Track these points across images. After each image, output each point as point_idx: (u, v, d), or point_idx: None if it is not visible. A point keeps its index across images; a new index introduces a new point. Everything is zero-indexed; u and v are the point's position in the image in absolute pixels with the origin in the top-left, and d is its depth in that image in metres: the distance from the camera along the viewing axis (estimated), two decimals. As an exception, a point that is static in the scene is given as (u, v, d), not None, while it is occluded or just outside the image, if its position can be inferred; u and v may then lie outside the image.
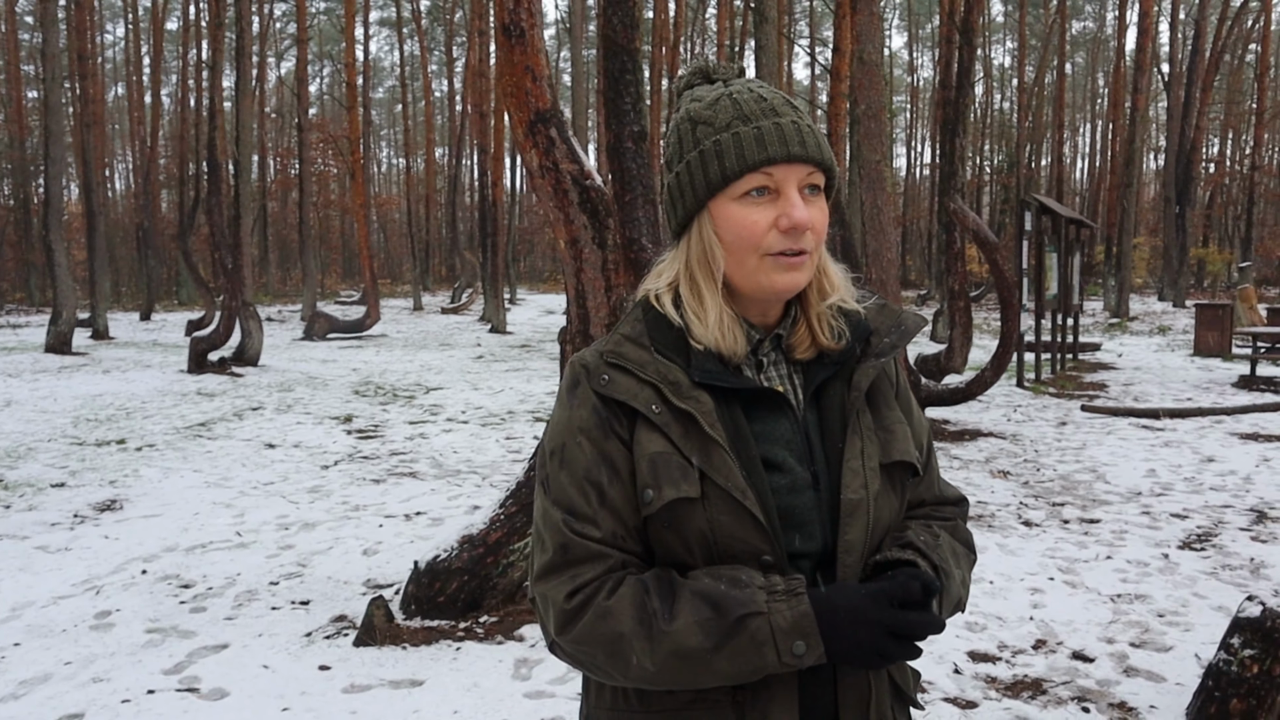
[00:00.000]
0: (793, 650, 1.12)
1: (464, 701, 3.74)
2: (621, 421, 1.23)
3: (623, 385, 1.23)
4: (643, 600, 1.16)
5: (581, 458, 1.23)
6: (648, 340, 1.27)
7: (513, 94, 4.27)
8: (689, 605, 1.15)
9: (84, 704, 3.78)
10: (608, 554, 1.20)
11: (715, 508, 1.18)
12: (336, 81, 54.19)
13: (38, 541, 6.10)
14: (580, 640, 1.18)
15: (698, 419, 1.20)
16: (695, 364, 1.24)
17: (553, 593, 1.20)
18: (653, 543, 1.23)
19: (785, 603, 1.14)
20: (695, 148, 1.24)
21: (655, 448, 1.20)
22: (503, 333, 25.06)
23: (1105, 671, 4.02)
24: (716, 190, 1.22)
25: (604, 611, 1.17)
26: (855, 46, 9.83)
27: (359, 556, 5.75)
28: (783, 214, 1.20)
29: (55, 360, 16.43)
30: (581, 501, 1.22)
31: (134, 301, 35.67)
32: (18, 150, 35.39)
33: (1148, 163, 49.90)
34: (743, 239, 1.21)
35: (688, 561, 1.21)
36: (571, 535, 1.21)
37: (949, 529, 1.38)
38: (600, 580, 1.19)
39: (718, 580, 1.16)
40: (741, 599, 1.14)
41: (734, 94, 1.25)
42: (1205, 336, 17.38)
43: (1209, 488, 7.27)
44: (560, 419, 1.27)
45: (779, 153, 1.20)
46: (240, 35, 18.39)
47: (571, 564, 1.20)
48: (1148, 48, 27.58)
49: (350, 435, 10.09)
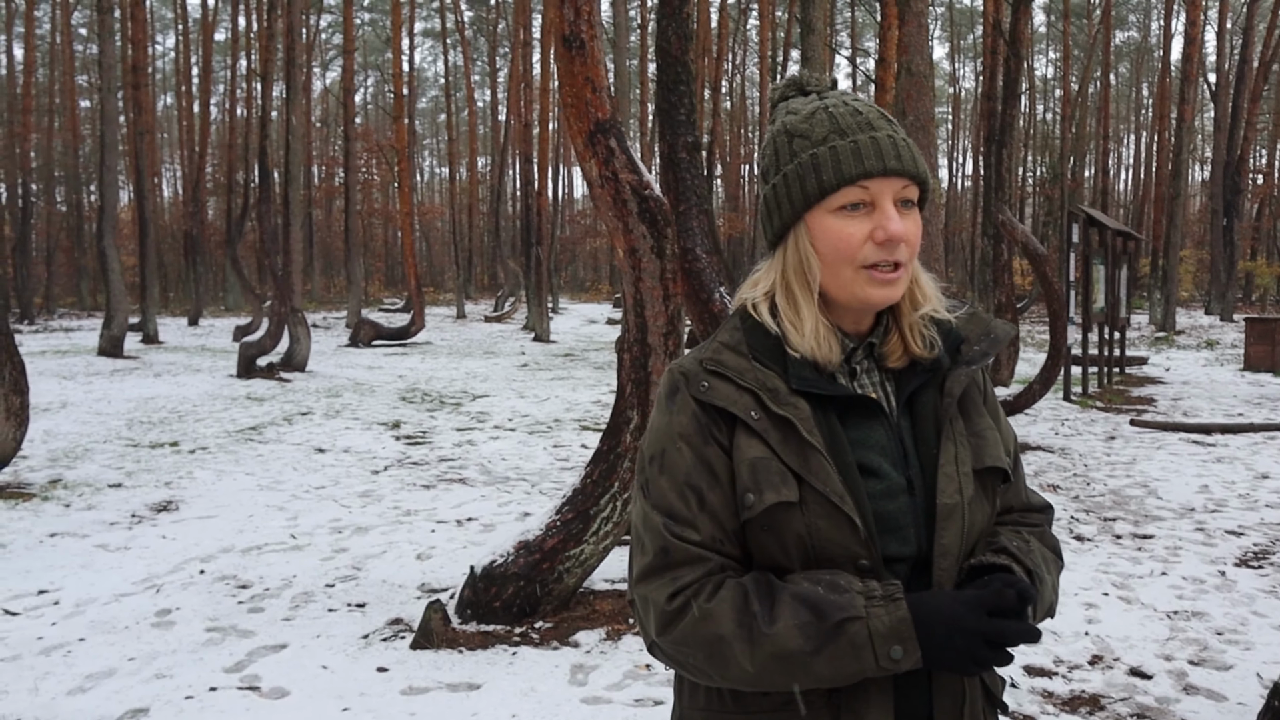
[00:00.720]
0: (890, 655, 1.14)
1: (521, 706, 3.78)
2: (721, 428, 1.26)
3: (722, 392, 1.26)
4: (743, 603, 1.18)
5: (681, 463, 1.25)
6: (746, 348, 1.29)
7: (573, 105, 4.33)
8: (789, 608, 1.16)
9: (149, 699, 3.86)
10: (707, 557, 1.23)
11: (813, 512, 1.20)
12: (380, 91, 54.86)
13: (97, 540, 6.24)
14: (680, 641, 1.20)
15: (796, 425, 1.22)
16: (792, 371, 1.26)
17: (654, 594, 1.23)
18: (751, 547, 1.25)
19: (883, 608, 1.15)
20: (792, 160, 1.27)
21: (755, 453, 1.22)
22: (546, 341, 25.19)
23: (1164, 689, 3.98)
24: (813, 203, 1.25)
25: (705, 614, 1.19)
26: (903, 58, 9.82)
27: (412, 560, 5.83)
28: (878, 227, 1.23)
29: (108, 363, 16.75)
30: (681, 505, 1.24)
31: (182, 307, 36.28)
32: (71, 158, 36.19)
33: (1194, 174, 49.24)
34: (839, 251, 1.24)
35: (785, 565, 1.23)
36: (671, 539, 1.23)
37: (1037, 535, 1.39)
38: (700, 583, 1.22)
39: (816, 584, 1.18)
40: (841, 603, 1.15)
41: (830, 107, 1.27)
42: (1255, 351, 17.10)
43: (1264, 505, 7.16)
44: (660, 425, 1.30)
45: (875, 167, 1.22)
46: (289, 46, 18.69)
47: (672, 566, 1.23)
48: (1194, 57, 27.24)
49: (399, 441, 10.20)
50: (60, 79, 38.97)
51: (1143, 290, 34.74)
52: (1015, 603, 1.17)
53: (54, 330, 25.50)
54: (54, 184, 38.72)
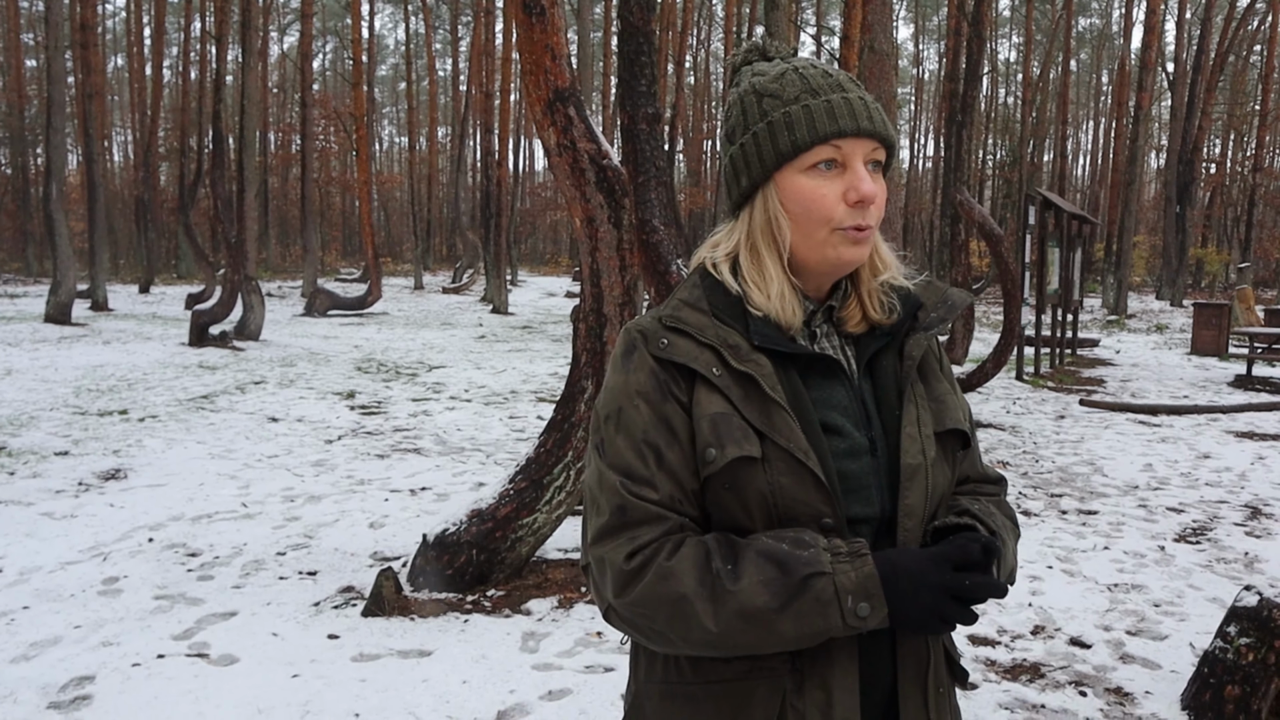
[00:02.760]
0: (857, 612, 1.12)
1: (472, 672, 3.79)
2: (680, 385, 1.23)
3: (682, 348, 1.24)
4: (705, 561, 1.16)
5: (639, 420, 1.23)
6: (706, 305, 1.28)
7: (532, 72, 4.30)
8: (754, 565, 1.14)
9: (94, 666, 3.82)
10: (666, 516, 1.20)
11: (776, 469, 1.18)
12: (339, 57, 54.03)
13: (43, 508, 6.14)
14: (640, 602, 1.17)
15: (758, 381, 1.21)
16: (754, 329, 1.25)
17: (611, 554, 1.19)
18: (710, 506, 1.23)
19: (850, 564, 1.14)
20: (762, 119, 1.25)
21: (716, 408, 1.20)
22: (504, 313, 25.08)
23: (1102, 658, 4.08)
24: (785, 161, 1.23)
25: (665, 572, 1.16)
26: (866, 36, 9.84)
27: (365, 529, 5.80)
28: (850, 188, 1.22)
29: (55, 330, 16.42)
30: (639, 464, 1.21)
31: (132, 274, 35.61)
32: (16, 119, 35.26)
33: (1150, 161, 49.93)
34: (811, 212, 1.23)
35: (746, 525, 1.20)
36: (629, 497, 1.20)
37: (995, 503, 1.39)
38: (660, 542, 1.19)
39: (780, 541, 1.16)
40: (807, 559, 1.13)
41: (800, 69, 1.26)
42: (1203, 336, 17.44)
43: (1205, 483, 7.34)
44: (615, 384, 1.27)
45: (849, 126, 1.21)
46: (245, 8, 18.32)
47: (630, 526, 1.20)
48: (1153, 46, 27.55)
49: (353, 411, 10.13)
50: (4, 36, 37.90)
51: (1096, 274, 35.28)
52: (981, 557, 1.16)
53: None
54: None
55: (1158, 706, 3.62)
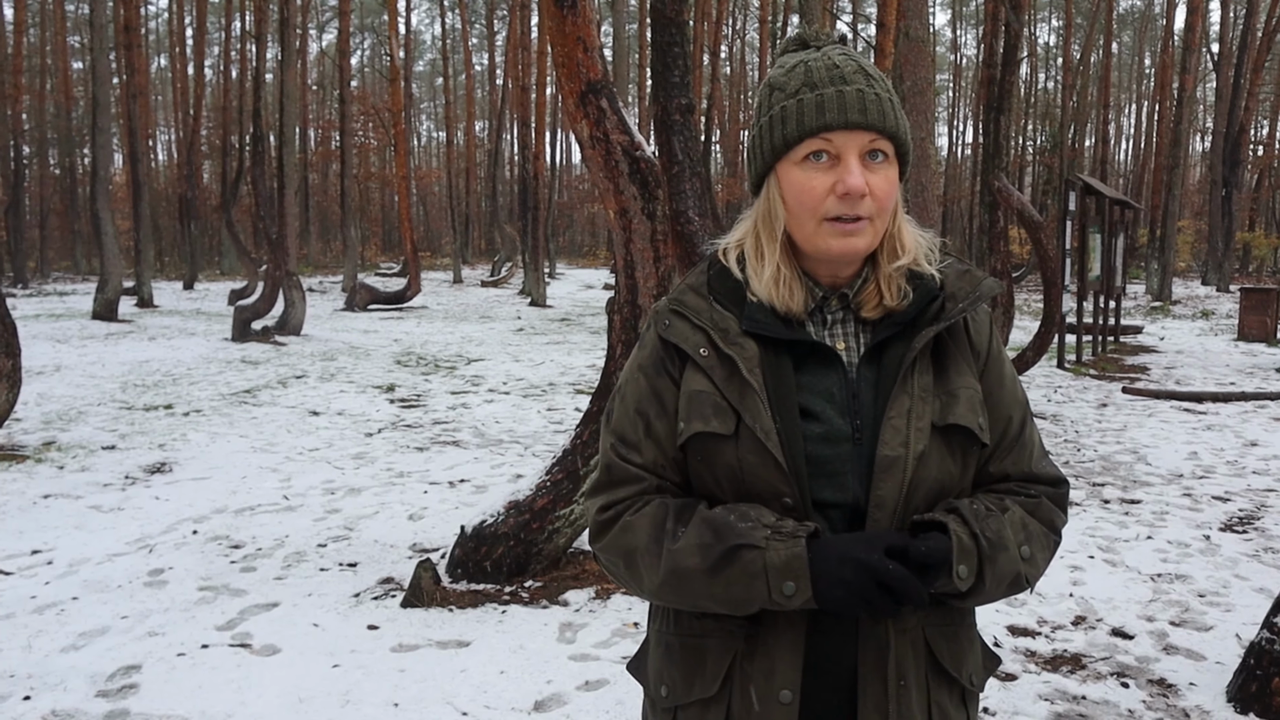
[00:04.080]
0: (783, 590, 1.19)
1: (510, 662, 3.82)
2: (674, 362, 1.34)
3: (679, 330, 1.34)
4: (661, 520, 1.28)
5: (636, 392, 1.36)
6: (707, 290, 1.37)
7: (564, 65, 4.30)
8: (695, 529, 1.24)
9: (141, 656, 3.90)
10: (643, 478, 1.33)
11: (745, 447, 1.26)
12: (377, 54, 54.39)
13: (91, 501, 6.26)
14: (605, 550, 1.33)
15: (738, 364, 1.28)
16: (746, 314, 1.32)
17: (592, 506, 1.36)
18: (691, 476, 1.33)
19: (783, 543, 1.20)
20: (768, 112, 1.31)
21: (696, 387, 1.30)
22: (542, 306, 25.16)
23: (1145, 649, 4.03)
24: (781, 154, 1.29)
25: (626, 526, 1.30)
26: (901, 22, 9.74)
27: (404, 521, 5.86)
28: (839, 180, 1.25)
29: (102, 327, 16.73)
30: (630, 430, 1.35)
31: (177, 271, 36.15)
32: (64, 120, 35.88)
33: (1194, 145, 49.01)
34: (801, 203, 1.27)
35: (718, 496, 1.29)
36: (616, 459, 1.35)
37: (1027, 505, 1.33)
38: (632, 499, 1.32)
39: (730, 512, 1.24)
40: (741, 530, 1.21)
41: (810, 61, 1.29)
42: (1250, 321, 17.11)
43: (1252, 471, 7.21)
44: (630, 360, 1.41)
45: (836, 119, 1.24)
46: (284, 6, 18.50)
47: (613, 484, 1.34)
48: (1197, 26, 27.04)
49: (393, 404, 10.22)
50: (52, 39, 38.57)
51: (1140, 260, 34.72)
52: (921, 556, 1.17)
53: (48, 294, 25.42)
54: (47, 146, 38.43)
55: (1202, 698, 3.57)
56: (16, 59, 31.98)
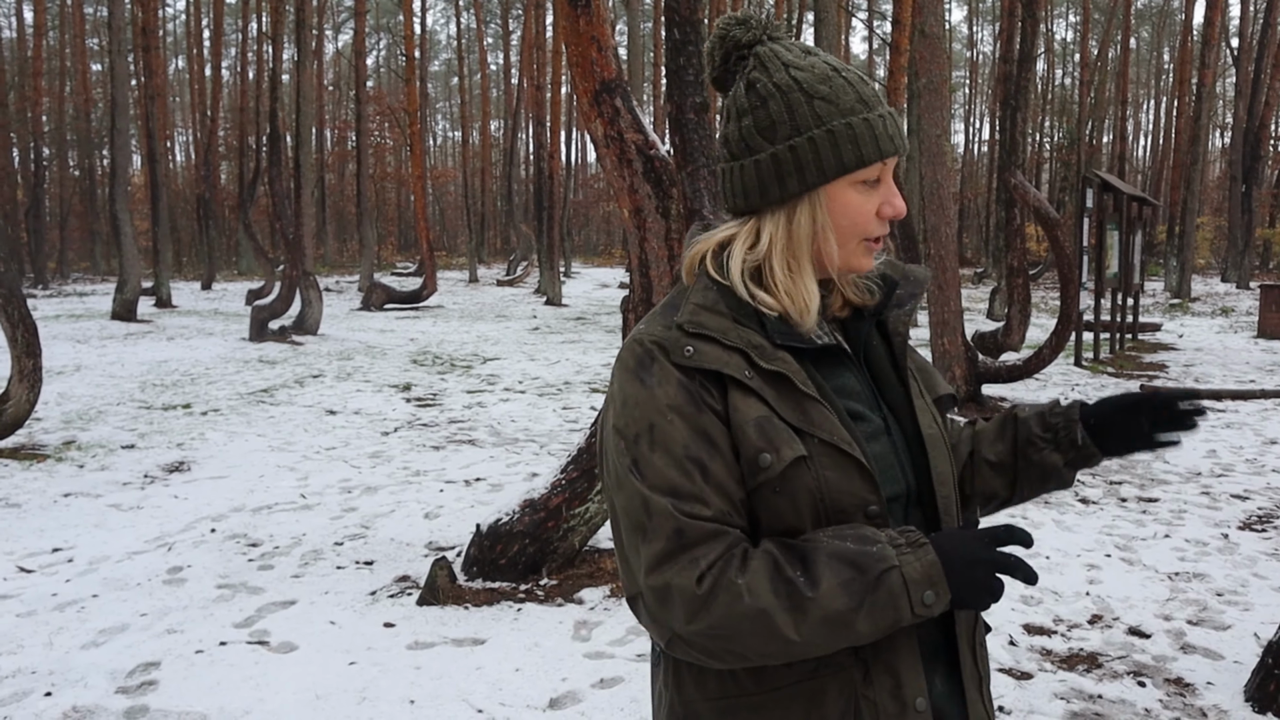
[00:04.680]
0: (924, 600, 1.13)
1: (525, 660, 3.83)
2: (712, 393, 1.20)
3: (710, 354, 1.20)
4: (776, 571, 1.13)
5: (677, 435, 1.18)
6: (724, 308, 1.25)
7: (578, 64, 4.31)
8: (828, 568, 1.13)
9: (160, 653, 3.93)
10: (724, 531, 1.16)
11: (820, 464, 1.18)
12: (393, 54, 54.55)
13: (111, 500, 6.32)
14: (719, 625, 1.12)
15: (790, 378, 1.20)
16: (772, 327, 1.24)
17: (678, 579, 1.13)
18: (760, 513, 1.20)
19: (913, 554, 1.14)
20: (819, 125, 1.22)
21: (757, 412, 1.19)
22: (558, 305, 25.21)
23: (1161, 647, 4.01)
24: (846, 173, 1.22)
25: (740, 591, 1.12)
26: (916, 19, 9.71)
27: (420, 520, 5.89)
28: (886, 203, 1.26)
29: (121, 327, 16.86)
30: (685, 481, 1.16)
31: (195, 271, 36.39)
32: (83, 122, 36.17)
33: (1214, 140, 48.64)
34: (855, 224, 1.25)
35: (796, 525, 1.19)
36: (683, 518, 1.15)
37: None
38: (724, 559, 1.15)
39: (844, 540, 1.15)
40: (877, 554, 1.14)
41: (843, 74, 1.25)
42: (1270, 318, 16.98)
43: (1271, 470, 7.16)
44: (639, 398, 1.21)
45: (900, 145, 1.26)
46: (300, 7, 18.59)
47: (689, 547, 1.15)
48: (1216, 21, 26.82)
49: (409, 403, 10.27)
50: (71, 42, 38.89)
51: (1159, 257, 34.48)
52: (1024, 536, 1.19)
53: (68, 295, 25.64)
54: (66, 148, 38.76)
55: (1219, 698, 3.55)
56: (36, 62, 32.26)
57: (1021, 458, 1.50)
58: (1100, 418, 1.45)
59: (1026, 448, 1.49)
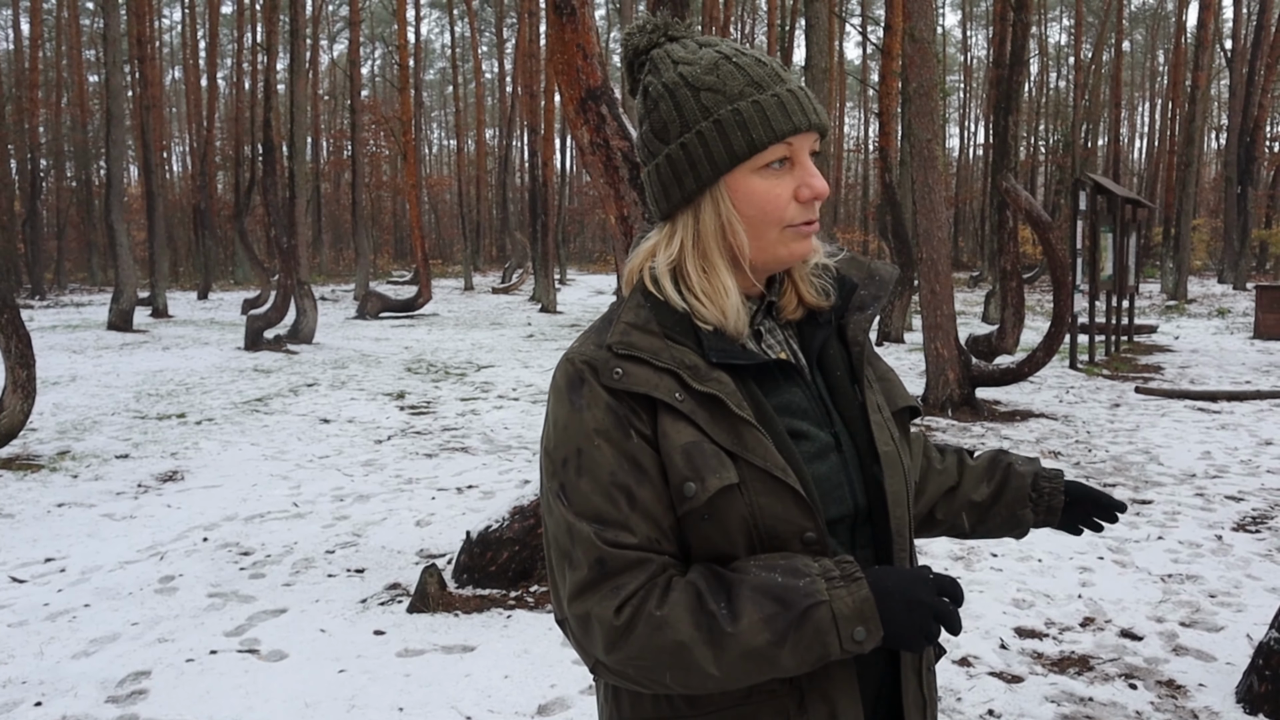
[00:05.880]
0: (854, 637, 1.09)
1: (514, 666, 3.83)
2: (641, 416, 1.15)
3: (639, 376, 1.15)
4: (698, 603, 1.10)
5: (603, 461, 1.14)
6: (656, 326, 1.18)
7: (564, 71, 4.32)
8: (751, 602, 1.09)
9: (150, 662, 3.93)
10: (647, 559, 1.13)
11: (753, 490, 1.13)
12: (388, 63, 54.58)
13: (104, 509, 6.32)
14: (636, 656, 1.10)
15: (723, 400, 1.14)
16: (708, 345, 1.17)
17: (597, 609, 1.11)
18: (691, 539, 1.16)
19: (845, 589, 1.10)
20: (707, 117, 1.16)
21: (686, 438, 1.13)
22: (553, 312, 25.21)
23: (1154, 650, 4.01)
24: (739, 162, 1.16)
25: (659, 622, 1.09)
26: (907, 24, 9.74)
27: (412, 527, 5.89)
28: (802, 184, 1.18)
29: (117, 337, 16.85)
30: (610, 508, 1.13)
31: (191, 281, 36.37)
32: (80, 133, 36.19)
33: (1209, 142, 48.73)
34: (766, 213, 1.17)
35: (729, 552, 1.15)
36: (605, 547, 1.12)
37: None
38: (646, 589, 1.12)
39: (773, 571, 1.11)
40: (804, 589, 1.09)
41: (731, 57, 1.18)
42: (1267, 319, 16.99)
43: (1266, 471, 7.16)
44: (567, 421, 1.17)
45: (801, 122, 1.16)
46: (294, 17, 18.61)
47: (610, 576, 1.12)
48: (1210, 23, 26.90)
49: (403, 411, 10.26)
50: (67, 54, 38.91)
51: (1155, 259, 34.53)
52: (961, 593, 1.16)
53: (65, 305, 25.63)
54: (63, 159, 38.78)
55: (1211, 699, 3.55)
56: (33, 73, 32.28)
57: (1004, 505, 1.54)
58: (1071, 495, 1.57)
59: (1013, 501, 1.54)
